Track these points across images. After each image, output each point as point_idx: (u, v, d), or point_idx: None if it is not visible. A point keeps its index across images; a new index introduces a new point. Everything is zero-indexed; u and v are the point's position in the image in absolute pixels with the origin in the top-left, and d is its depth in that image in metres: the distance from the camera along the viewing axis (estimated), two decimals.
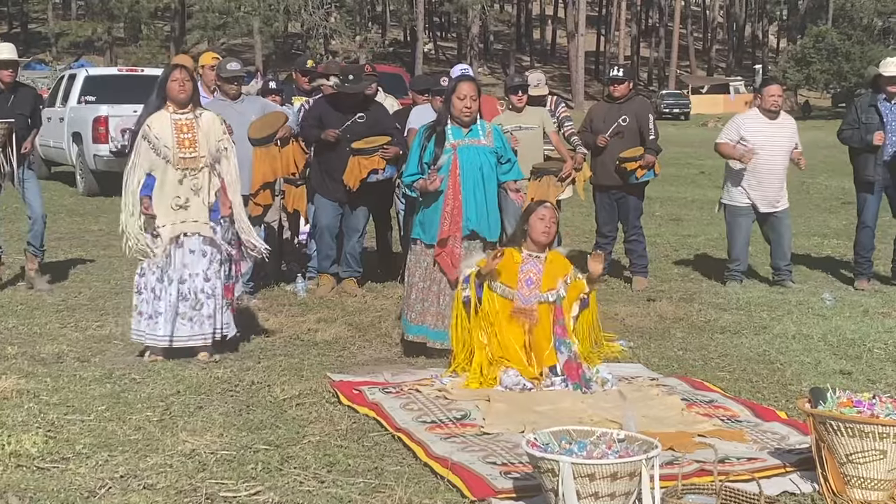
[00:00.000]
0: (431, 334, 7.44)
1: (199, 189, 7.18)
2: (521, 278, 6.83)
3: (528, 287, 6.82)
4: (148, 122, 7.18)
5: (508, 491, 4.75)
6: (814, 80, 69.45)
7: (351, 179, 9.28)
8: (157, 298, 7.16)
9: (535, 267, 6.87)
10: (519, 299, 6.79)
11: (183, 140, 7.15)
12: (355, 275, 9.79)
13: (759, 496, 4.18)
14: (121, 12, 61.86)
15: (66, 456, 5.26)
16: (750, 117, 10.47)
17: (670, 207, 17.80)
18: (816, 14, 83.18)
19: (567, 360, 6.62)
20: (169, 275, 7.16)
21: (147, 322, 7.18)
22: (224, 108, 9.03)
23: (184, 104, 7.22)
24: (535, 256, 6.90)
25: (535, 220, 6.89)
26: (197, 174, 7.18)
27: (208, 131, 7.25)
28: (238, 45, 69.74)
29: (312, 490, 4.84)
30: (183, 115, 7.21)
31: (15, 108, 9.56)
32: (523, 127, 9.77)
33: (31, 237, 9.77)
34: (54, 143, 19.25)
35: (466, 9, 67.55)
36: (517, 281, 6.82)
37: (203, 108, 7.42)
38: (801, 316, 8.98)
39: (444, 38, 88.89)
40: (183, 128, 7.18)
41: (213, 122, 7.33)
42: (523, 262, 6.88)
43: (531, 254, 6.90)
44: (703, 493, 4.38)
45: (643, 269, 10.45)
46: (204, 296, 7.20)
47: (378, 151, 9.28)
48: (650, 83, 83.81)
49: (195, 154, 7.17)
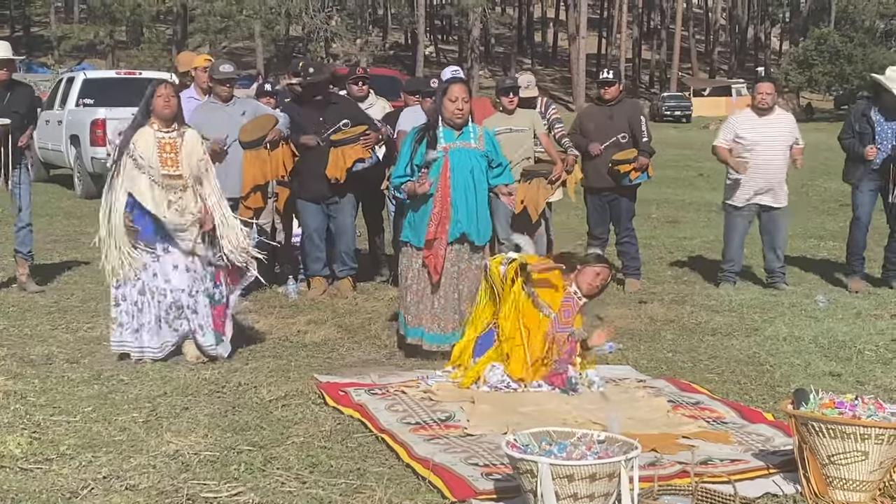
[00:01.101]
0: (428, 337, 7.45)
1: (184, 209, 7.18)
2: (562, 308, 6.78)
3: (567, 317, 6.76)
4: (133, 141, 7.18)
5: (489, 492, 4.75)
6: (816, 82, 69.49)
7: (336, 171, 9.24)
8: (139, 311, 7.18)
9: (573, 306, 6.82)
10: (556, 325, 6.73)
11: (166, 159, 7.16)
12: (351, 273, 9.79)
13: (734, 497, 4.17)
14: (123, 16, 61.91)
15: (49, 457, 5.26)
16: (744, 115, 10.50)
17: (667, 210, 17.79)
18: (819, 16, 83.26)
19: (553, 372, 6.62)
20: (150, 288, 7.17)
21: (133, 335, 7.19)
22: (215, 111, 9.07)
23: (168, 120, 7.22)
24: (578, 297, 6.85)
25: (591, 273, 6.84)
26: (180, 193, 7.18)
27: (190, 152, 7.25)
28: (239, 48, 69.81)
29: (293, 491, 4.84)
30: (167, 134, 7.22)
31: (11, 106, 9.55)
32: (513, 129, 9.75)
33: (17, 243, 9.80)
34: (52, 145, 19.30)
35: (467, 11, 67.52)
36: (559, 307, 6.78)
37: (186, 127, 7.41)
38: (794, 318, 8.98)
39: (445, 40, 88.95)
40: (166, 147, 7.18)
41: (195, 141, 7.34)
42: (567, 295, 6.82)
43: (577, 293, 6.85)
44: (679, 493, 4.38)
45: (636, 272, 10.44)
46: (189, 311, 7.21)
47: (359, 140, 9.27)
48: (652, 85, 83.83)
49: (178, 172, 7.17)
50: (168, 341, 7.23)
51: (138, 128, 7.24)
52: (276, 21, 62.05)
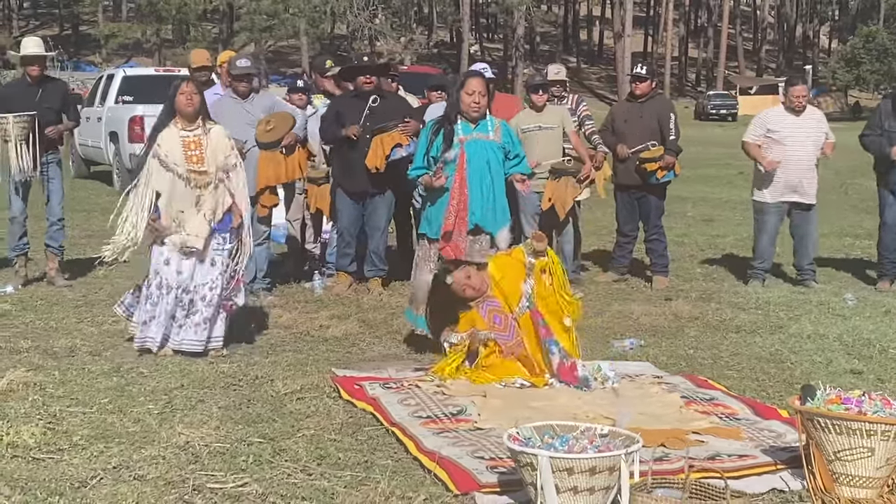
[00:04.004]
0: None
1: (203, 205, 7.25)
2: (487, 320, 6.79)
3: (499, 323, 6.78)
4: (158, 142, 7.26)
5: (493, 485, 4.75)
6: (864, 80, 68.84)
7: (375, 160, 9.25)
8: (153, 305, 7.25)
9: (490, 304, 6.82)
10: (501, 340, 6.75)
11: (191, 156, 7.23)
12: (381, 274, 9.81)
13: (725, 490, 4.16)
14: (169, 14, 62.38)
15: (62, 447, 5.32)
16: (775, 111, 10.45)
17: (703, 208, 17.69)
18: (868, 14, 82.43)
19: (560, 362, 6.60)
20: (168, 283, 7.24)
21: (142, 326, 7.28)
22: (233, 107, 9.08)
23: (191, 118, 7.29)
24: (481, 300, 6.83)
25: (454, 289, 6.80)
26: (204, 190, 7.25)
27: (216, 147, 7.33)
28: (285, 46, 70.17)
29: (298, 482, 4.86)
30: (191, 132, 7.30)
31: (43, 101, 9.65)
32: (543, 126, 9.75)
33: (47, 238, 9.91)
34: (92, 142, 19.52)
35: (512, 9, 67.42)
36: (486, 324, 6.78)
37: (212, 123, 7.48)
38: (820, 316, 8.91)
39: (490, 38, 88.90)
40: (191, 144, 7.26)
41: (221, 137, 7.40)
42: (478, 307, 6.83)
43: (477, 299, 6.84)
44: (674, 487, 4.36)
45: (664, 269, 10.40)
46: (203, 303, 7.26)
47: (398, 127, 9.30)
48: (698, 84, 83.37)
49: (204, 169, 7.24)
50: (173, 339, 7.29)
51: (162, 128, 7.32)
52: (321, 19, 62.27)
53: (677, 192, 10.50)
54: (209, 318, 7.27)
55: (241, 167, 7.53)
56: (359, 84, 9.48)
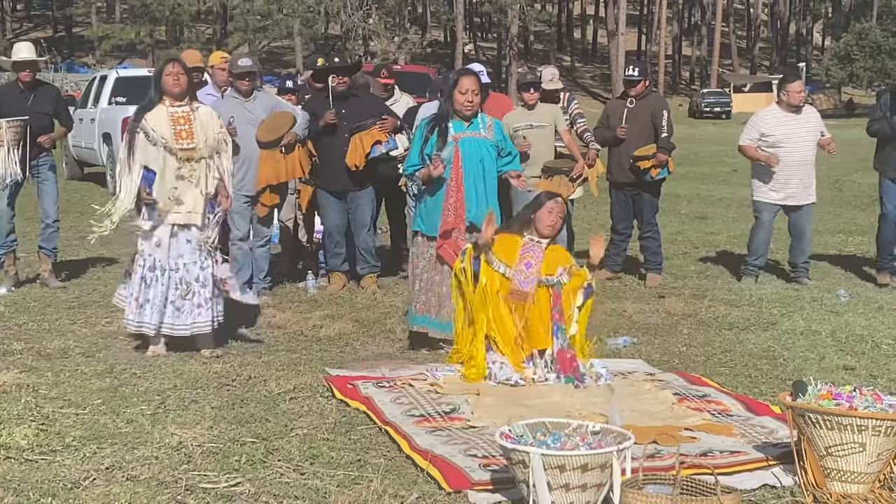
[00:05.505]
0: (432, 324, 7.49)
1: (198, 181, 7.25)
2: (521, 260, 6.80)
3: (527, 269, 6.77)
4: (145, 117, 7.25)
5: (485, 483, 4.76)
6: (857, 77, 68.83)
7: (356, 158, 9.31)
8: (146, 287, 7.24)
9: (536, 252, 6.82)
10: (517, 280, 6.77)
11: (180, 131, 7.22)
12: (374, 271, 9.83)
13: (715, 486, 4.17)
14: (162, 15, 62.31)
15: (55, 448, 5.32)
16: (769, 113, 10.42)
17: (697, 205, 17.70)
18: (861, 11, 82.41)
19: (560, 349, 6.61)
20: (161, 265, 7.23)
21: (136, 311, 7.26)
22: (235, 107, 9.11)
23: (179, 98, 7.29)
24: (536, 242, 6.85)
25: (544, 212, 6.84)
26: (195, 165, 7.24)
27: (206, 124, 7.34)
28: (279, 47, 70.09)
29: (291, 482, 4.87)
30: (179, 108, 7.29)
31: (35, 106, 9.66)
32: (534, 125, 9.75)
33: (41, 240, 9.91)
34: (86, 143, 19.49)
35: (506, 9, 67.37)
36: (516, 261, 6.80)
37: (199, 103, 7.49)
38: (813, 312, 8.92)
39: (484, 38, 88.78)
40: (179, 119, 7.25)
41: (211, 115, 7.43)
42: (524, 245, 6.85)
43: (533, 239, 6.88)
44: (664, 483, 4.37)
45: (657, 266, 10.41)
46: (198, 285, 7.26)
47: (375, 124, 9.33)
48: (692, 82, 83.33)
49: (193, 145, 7.24)
50: (168, 323, 7.28)
51: (149, 108, 7.30)
52: (315, 20, 62.15)
53: (671, 190, 10.48)
54: (209, 297, 7.28)
55: (230, 147, 7.55)
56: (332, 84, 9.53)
